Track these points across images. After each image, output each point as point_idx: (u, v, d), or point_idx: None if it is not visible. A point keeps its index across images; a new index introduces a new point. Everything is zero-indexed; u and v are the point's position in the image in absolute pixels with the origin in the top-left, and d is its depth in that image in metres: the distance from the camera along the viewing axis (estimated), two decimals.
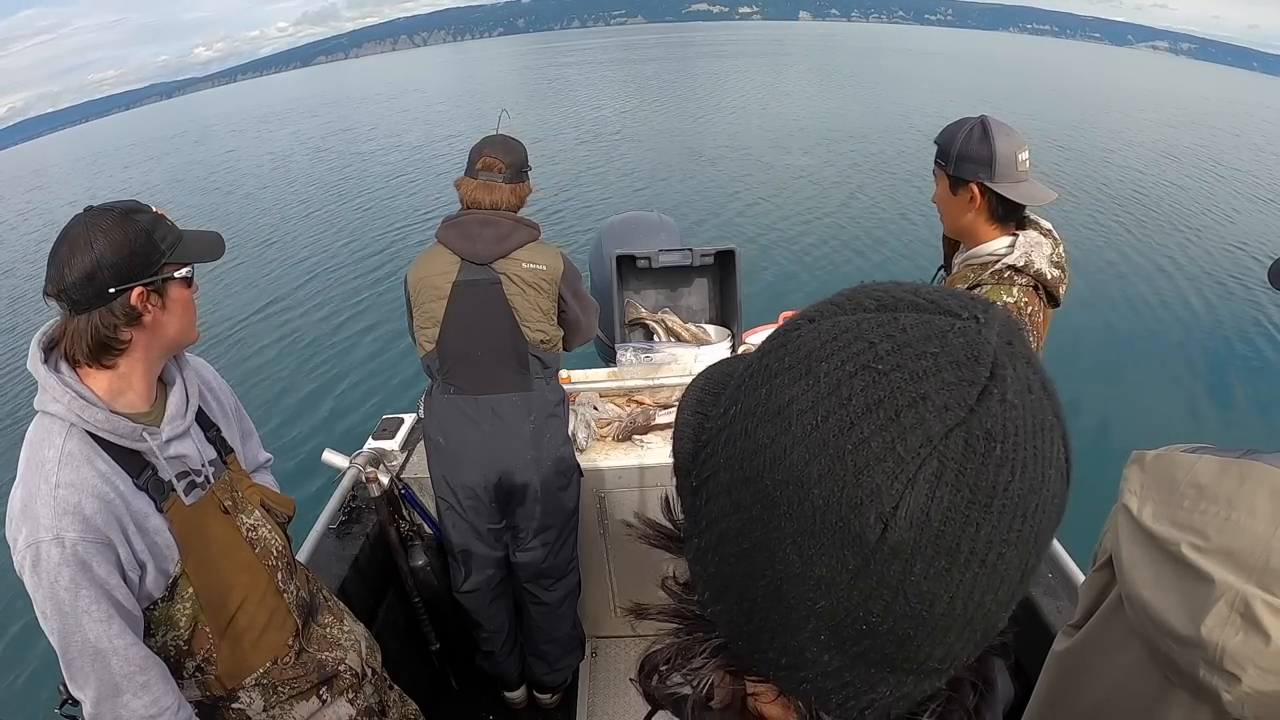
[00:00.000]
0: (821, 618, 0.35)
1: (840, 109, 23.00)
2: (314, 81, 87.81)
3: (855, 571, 0.33)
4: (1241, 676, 0.61)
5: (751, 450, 0.36)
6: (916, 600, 0.33)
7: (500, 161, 1.87)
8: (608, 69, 46.68)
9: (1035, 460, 0.32)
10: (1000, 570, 0.33)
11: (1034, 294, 1.51)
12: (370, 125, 26.30)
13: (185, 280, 1.15)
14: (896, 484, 0.31)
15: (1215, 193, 13.06)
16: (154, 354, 1.15)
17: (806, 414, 0.33)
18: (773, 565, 0.36)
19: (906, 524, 0.32)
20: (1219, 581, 0.62)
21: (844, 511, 0.32)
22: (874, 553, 0.32)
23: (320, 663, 1.41)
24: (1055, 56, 79.53)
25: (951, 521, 0.31)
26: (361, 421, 5.78)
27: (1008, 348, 0.33)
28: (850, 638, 0.35)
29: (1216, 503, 0.65)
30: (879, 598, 0.33)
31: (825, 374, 0.33)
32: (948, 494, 0.31)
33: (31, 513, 1.02)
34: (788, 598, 0.36)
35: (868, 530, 0.32)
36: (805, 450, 0.33)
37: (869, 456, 0.32)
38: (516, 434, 1.94)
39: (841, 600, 0.34)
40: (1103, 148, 16.95)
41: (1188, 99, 34.97)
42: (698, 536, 0.41)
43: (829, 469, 0.33)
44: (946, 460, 0.31)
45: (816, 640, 0.36)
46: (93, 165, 30.64)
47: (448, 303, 1.88)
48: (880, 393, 0.32)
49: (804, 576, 0.35)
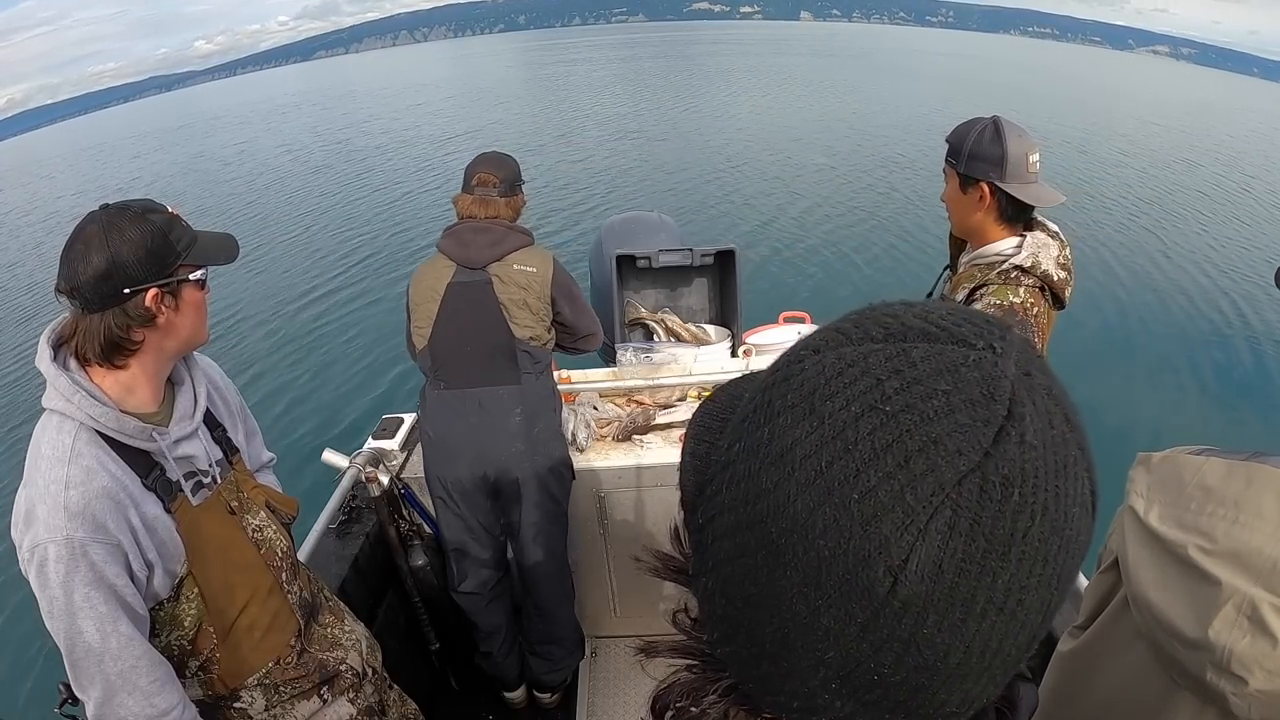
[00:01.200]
0: (830, 667, 0.34)
1: (841, 109, 23.00)
2: (314, 76, 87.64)
3: (864, 625, 0.32)
4: (1249, 679, 0.61)
5: (755, 494, 0.34)
6: (930, 652, 0.31)
7: (494, 176, 1.96)
8: (608, 67, 46.64)
9: (1057, 501, 0.30)
10: (1020, 616, 0.31)
11: (1039, 295, 1.51)
12: (371, 123, 26.25)
13: (199, 283, 1.15)
14: (906, 535, 0.30)
15: (1218, 196, 13.07)
16: (165, 355, 1.15)
17: (810, 459, 0.32)
18: (779, 613, 0.34)
19: (918, 577, 0.30)
20: (1226, 584, 0.62)
21: (851, 564, 0.31)
22: (883, 606, 0.31)
23: (321, 663, 1.41)
24: (1057, 60, 79.56)
25: (966, 573, 0.30)
26: (361, 421, 5.78)
27: (1026, 380, 0.31)
28: (862, 687, 0.34)
29: (1224, 505, 0.65)
30: (889, 650, 0.32)
31: (829, 415, 0.32)
32: (961, 544, 0.29)
33: (39, 512, 1.01)
34: (795, 646, 0.34)
35: (876, 584, 0.30)
36: (810, 498, 0.31)
37: (876, 506, 0.30)
38: (503, 426, 1.96)
39: (850, 652, 0.32)
40: (1105, 151, 16.97)
41: (1189, 104, 35.01)
42: (705, 576, 0.39)
43: (834, 519, 0.31)
44: (960, 509, 0.29)
45: (827, 688, 0.35)
46: (93, 158, 30.55)
47: (441, 301, 1.93)
48: (888, 437, 0.30)
49: (811, 627, 0.33)
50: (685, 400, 2.49)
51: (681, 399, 2.50)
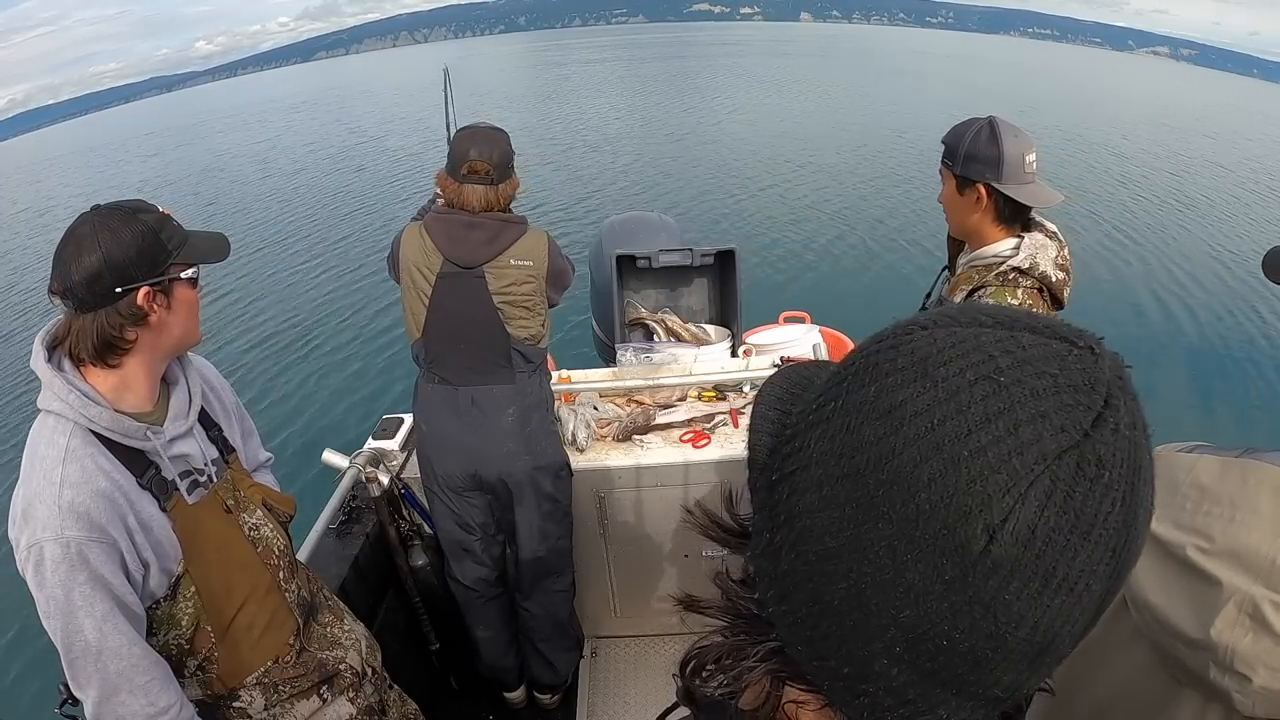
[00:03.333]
0: (903, 628, 0.34)
1: (841, 109, 23.01)
2: (314, 77, 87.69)
3: (950, 582, 0.32)
4: (1252, 677, 0.62)
5: (853, 447, 0.35)
6: (1004, 620, 0.32)
7: (486, 164, 1.81)
8: (608, 68, 46.65)
9: (1133, 494, 0.32)
10: (1084, 601, 0.33)
11: (1038, 296, 1.51)
12: (370, 121, 26.25)
13: (191, 281, 1.15)
14: (1008, 497, 0.31)
15: (1215, 196, 13.07)
16: (158, 354, 1.15)
17: (921, 416, 0.33)
18: (859, 567, 0.35)
19: (1012, 539, 0.31)
20: (1226, 584, 0.62)
21: (951, 518, 0.32)
22: (974, 565, 0.32)
23: (321, 662, 1.41)
24: (1057, 60, 79.62)
25: (1053, 544, 0.31)
26: (361, 421, 5.77)
27: (1119, 381, 0.33)
28: (926, 653, 0.34)
29: (1220, 504, 0.65)
30: (967, 613, 0.33)
31: (944, 379, 0.33)
32: (1055, 514, 0.31)
33: (34, 512, 1.02)
34: (869, 603, 0.35)
35: (973, 541, 0.32)
36: (917, 452, 0.33)
37: (984, 465, 0.31)
38: (495, 425, 1.94)
39: (929, 611, 0.33)
40: (1103, 150, 16.96)
41: (1189, 104, 35.02)
42: (771, 532, 0.40)
43: (940, 473, 0.32)
44: (1058, 480, 0.31)
45: (890, 652, 0.35)
46: (94, 158, 30.55)
47: (431, 295, 1.88)
48: (1000, 404, 0.32)
49: (893, 583, 0.34)
50: (685, 400, 2.49)
51: (681, 399, 2.50)
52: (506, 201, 1.88)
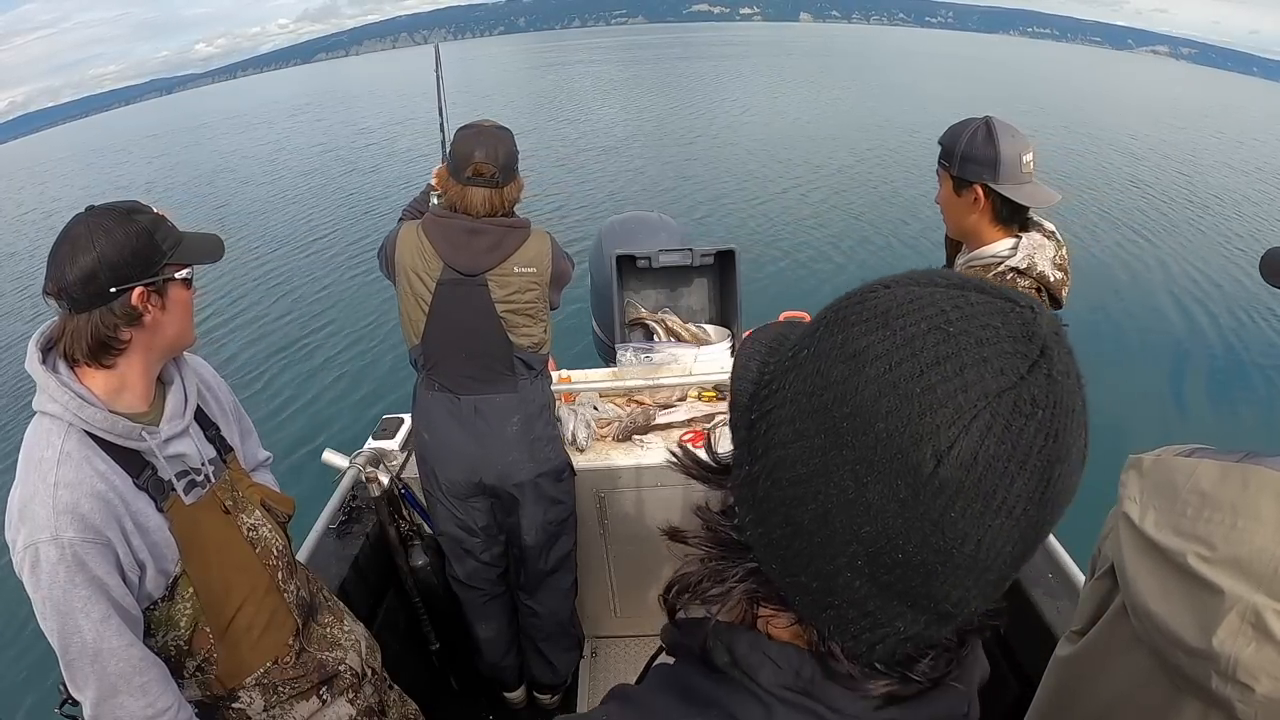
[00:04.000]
0: (864, 543, 0.39)
1: (840, 109, 23.01)
2: (314, 78, 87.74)
3: (904, 501, 0.37)
4: (1255, 687, 0.61)
5: (822, 386, 0.40)
6: (951, 536, 0.37)
7: (491, 166, 1.73)
8: (608, 68, 46.66)
9: (1064, 433, 0.37)
10: (1022, 525, 0.38)
11: (1036, 296, 1.51)
12: (371, 122, 26.25)
13: (185, 282, 1.15)
14: (954, 428, 0.36)
15: (1214, 195, 13.07)
16: (153, 355, 1.15)
17: (881, 359, 0.38)
18: (826, 490, 0.40)
19: (956, 463, 0.36)
20: (1229, 592, 0.61)
21: (904, 444, 0.37)
22: (924, 485, 0.37)
23: (320, 662, 1.41)
24: (1057, 60, 79.59)
25: (992, 470, 0.36)
26: (361, 421, 5.78)
27: (1055, 336, 0.38)
28: (884, 566, 0.39)
29: (1221, 510, 0.64)
30: (919, 529, 0.38)
31: (901, 329, 0.38)
32: (994, 444, 0.36)
33: (30, 513, 1.01)
34: (835, 521, 0.40)
35: (923, 464, 0.36)
36: (876, 389, 0.38)
37: (934, 401, 0.36)
38: (500, 434, 1.92)
39: (886, 528, 0.38)
40: (1110, 150, 16.96)
41: (1192, 104, 34.99)
42: (750, 464, 0.45)
43: (896, 407, 0.37)
44: (997, 415, 0.36)
45: (853, 566, 0.40)
46: (95, 160, 30.56)
47: (431, 302, 1.82)
48: (949, 350, 0.37)
49: (855, 502, 0.39)
50: (685, 400, 2.49)
51: (681, 399, 2.50)
52: (510, 204, 1.81)
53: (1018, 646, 1.79)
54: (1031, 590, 1.74)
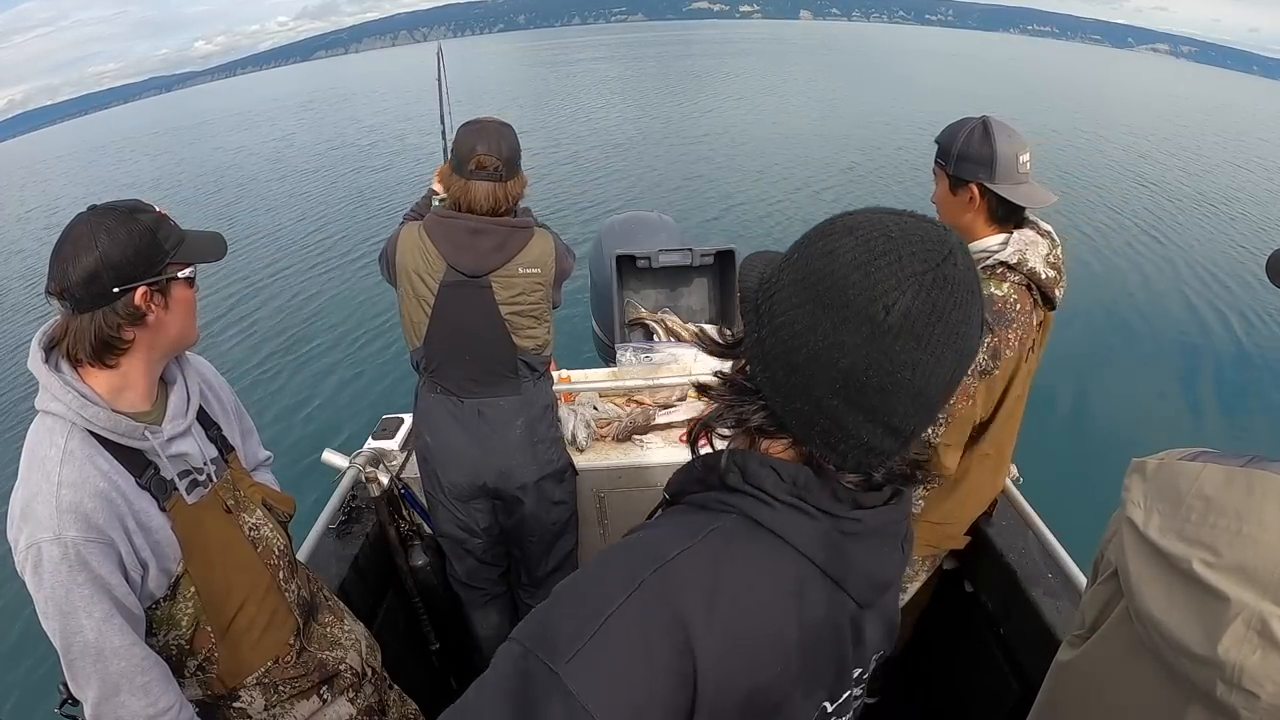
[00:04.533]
0: (840, 371, 0.59)
1: (839, 108, 22.99)
2: (313, 76, 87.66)
3: (866, 338, 0.57)
4: (1261, 694, 0.61)
5: (809, 271, 0.61)
6: (897, 364, 0.57)
7: (495, 160, 1.70)
8: (608, 66, 46.60)
9: (965, 304, 0.58)
10: (942, 363, 0.58)
11: (1025, 293, 1.51)
12: (371, 123, 26.21)
13: (188, 281, 1.15)
14: (895, 291, 0.56)
15: (1221, 194, 13.06)
16: (156, 354, 1.15)
17: (848, 252, 0.59)
18: (814, 338, 0.59)
19: (899, 314, 0.56)
20: (1234, 600, 0.61)
21: (865, 303, 0.57)
22: (879, 327, 0.57)
23: (321, 662, 1.41)
24: (1058, 58, 79.53)
25: (920, 320, 0.56)
26: (361, 421, 5.77)
27: (960, 245, 0.59)
28: (854, 388, 0.59)
29: (1225, 515, 0.64)
30: (876, 360, 0.57)
31: (861, 235, 0.59)
32: (920, 304, 0.56)
33: (33, 512, 1.01)
34: (820, 359, 0.59)
35: (878, 314, 0.57)
36: (845, 270, 0.58)
37: (882, 276, 0.57)
38: (504, 438, 1.91)
39: (855, 360, 0.58)
40: (1110, 149, 16.95)
41: (1192, 102, 34.95)
42: (759, 331, 0.65)
43: (859, 280, 0.57)
44: (922, 286, 0.56)
45: (832, 390, 0.59)
46: (95, 159, 30.53)
47: (434, 304, 1.80)
48: (891, 246, 0.58)
49: (834, 344, 0.58)
50: (685, 400, 2.49)
51: (681, 399, 2.50)
52: (515, 200, 1.78)
53: (1018, 647, 1.79)
54: (1031, 590, 1.75)
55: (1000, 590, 1.89)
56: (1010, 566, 1.84)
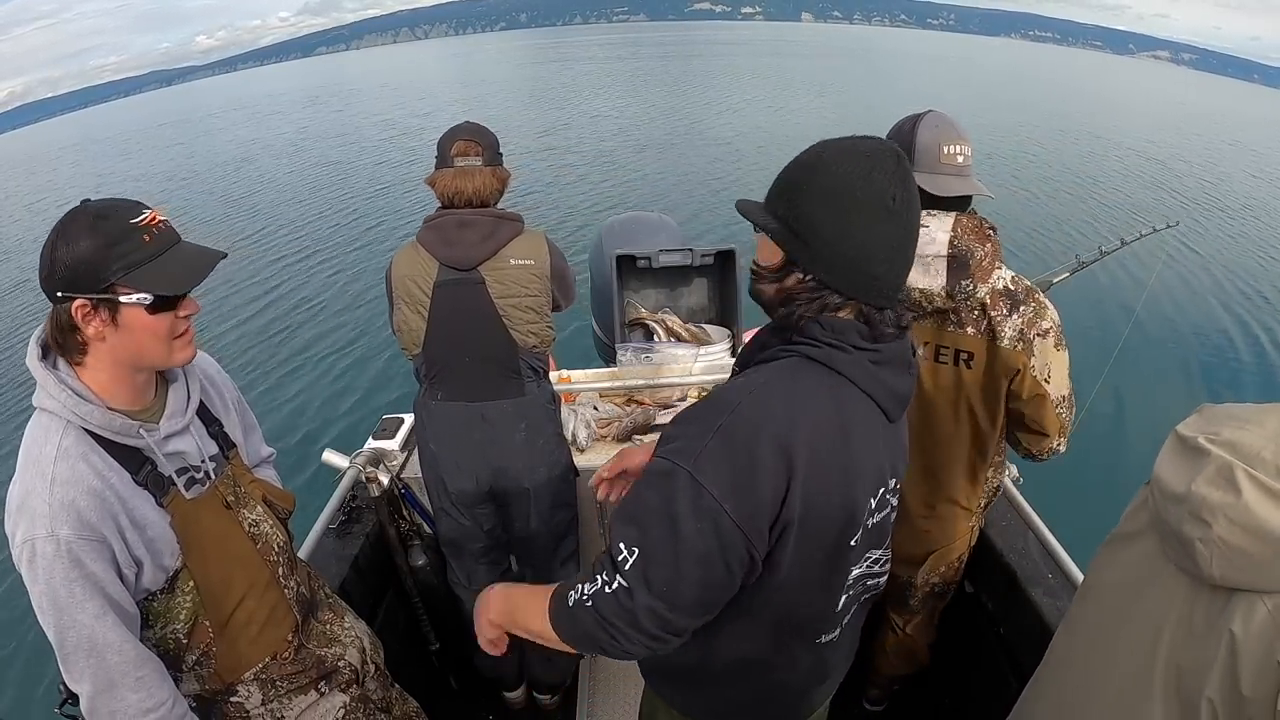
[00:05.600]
0: (883, 245, 0.89)
1: (840, 109, 23.00)
2: (314, 72, 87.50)
3: (889, 220, 0.87)
4: (1213, 524, 0.73)
5: (829, 195, 0.88)
6: (910, 228, 0.90)
7: (477, 145, 1.75)
8: (609, 66, 46.60)
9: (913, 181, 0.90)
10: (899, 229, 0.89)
11: None
12: (372, 123, 26.20)
13: (150, 307, 1.04)
14: (892, 187, 0.86)
15: (1241, 202, 13.07)
16: (122, 368, 1.10)
17: (848, 176, 0.87)
18: (856, 231, 0.87)
19: (900, 200, 0.87)
20: (1214, 455, 0.76)
21: (879, 200, 0.86)
22: (893, 211, 0.87)
23: (319, 659, 1.41)
24: (1060, 64, 79.56)
25: (909, 198, 0.88)
26: (361, 421, 5.78)
27: (903, 156, 0.90)
28: (893, 251, 0.90)
29: (1237, 418, 0.80)
30: (901, 230, 0.89)
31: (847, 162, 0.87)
32: (905, 189, 0.88)
33: (28, 508, 1.01)
34: (867, 245, 0.88)
35: (889, 203, 0.86)
36: (855, 185, 0.86)
37: (879, 181, 0.86)
38: (508, 441, 1.90)
39: (889, 235, 0.88)
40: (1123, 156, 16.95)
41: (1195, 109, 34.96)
42: (795, 237, 0.91)
43: (868, 187, 0.86)
44: (901, 179, 0.87)
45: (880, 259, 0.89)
46: (94, 152, 30.46)
47: (430, 307, 1.79)
48: (872, 163, 0.87)
49: (871, 232, 0.88)
50: (685, 400, 2.49)
51: (681, 399, 2.50)
52: (502, 185, 1.81)
53: (1018, 647, 1.80)
54: (1031, 590, 1.75)
55: (1000, 590, 1.89)
56: (1010, 566, 1.84)
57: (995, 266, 1.48)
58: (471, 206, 1.78)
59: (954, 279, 1.45)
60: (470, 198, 1.76)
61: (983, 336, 1.49)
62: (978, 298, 1.47)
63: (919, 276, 1.47)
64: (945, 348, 1.53)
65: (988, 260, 1.46)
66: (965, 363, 1.52)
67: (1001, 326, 1.47)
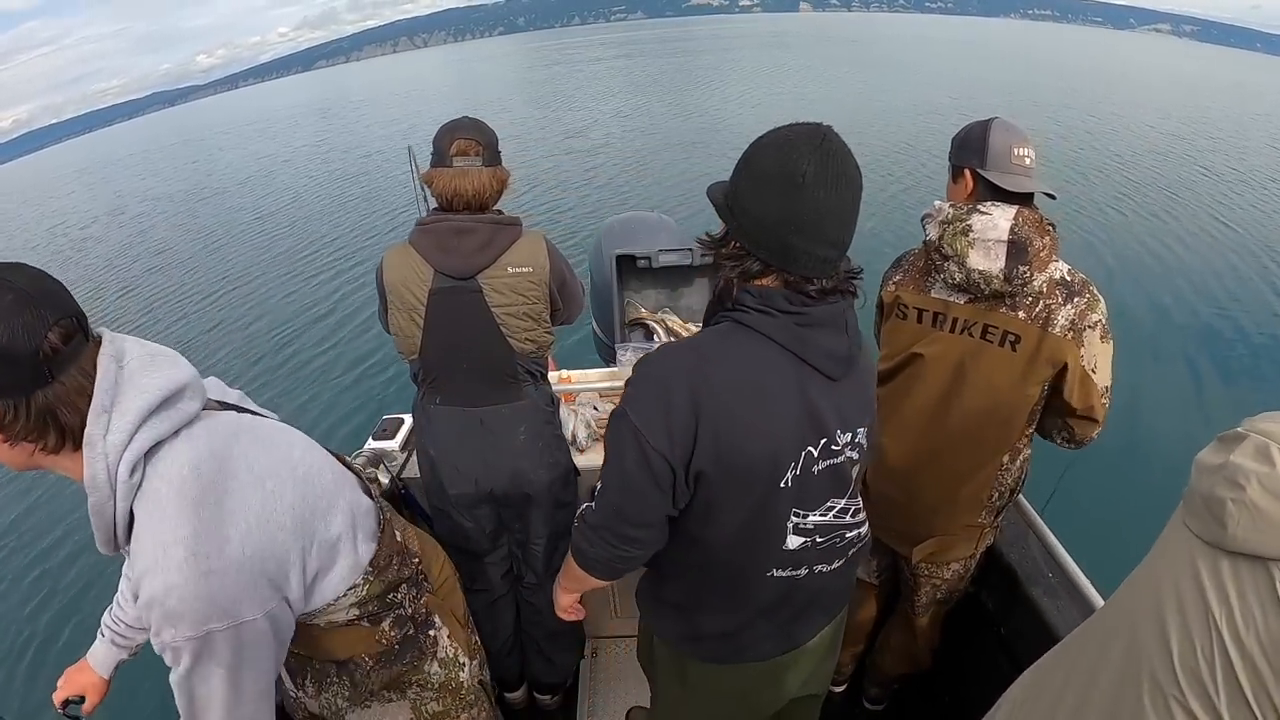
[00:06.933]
0: (784, 214, 0.99)
1: (839, 106, 22.86)
2: (315, 86, 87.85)
3: (796, 193, 0.98)
4: (1246, 487, 0.74)
5: (752, 170, 1.03)
6: (819, 202, 0.98)
7: (476, 144, 1.67)
8: (609, 65, 46.56)
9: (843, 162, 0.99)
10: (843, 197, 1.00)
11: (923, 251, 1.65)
12: (371, 129, 26.32)
13: None
14: (803, 162, 0.97)
15: (1232, 173, 12.91)
16: None
17: (771, 153, 1.01)
18: (770, 203, 1.00)
19: (811, 175, 0.97)
20: (1253, 436, 0.78)
21: (789, 174, 0.98)
22: (801, 186, 0.97)
23: None
24: (1063, 43, 78.83)
25: (821, 175, 0.97)
26: (361, 422, 5.80)
27: (831, 131, 1.01)
28: (802, 223, 0.99)
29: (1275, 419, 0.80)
30: (808, 204, 0.98)
31: (772, 142, 1.02)
32: (818, 166, 0.97)
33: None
34: (779, 215, 1.00)
35: (799, 177, 0.97)
36: (772, 161, 1.00)
37: (792, 157, 0.98)
38: (507, 446, 1.89)
39: (796, 207, 0.98)
40: (1114, 135, 16.77)
41: (1200, 81, 34.53)
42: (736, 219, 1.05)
43: (781, 162, 0.99)
44: (815, 156, 0.97)
45: (791, 229, 1.00)
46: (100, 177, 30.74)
47: (425, 314, 1.75)
48: (790, 141, 1.00)
49: (782, 204, 0.99)
50: None
51: None
52: (501, 187, 1.75)
53: (1018, 647, 1.79)
54: (1031, 590, 1.75)
55: (1000, 590, 1.88)
56: (1010, 566, 1.83)
57: (1052, 259, 1.53)
58: (469, 208, 1.73)
59: (1012, 263, 1.50)
60: (469, 200, 1.71)
61: (1034, 323, 1.52)
62: (1034, 285, 1.52)
63: (979, 259, 1.52)
64: (994, 327, 1.56)
65: (1045, 252, 1.51)
66: (1011, 344, 1.55)
67: (1055, 314, 1.51)
